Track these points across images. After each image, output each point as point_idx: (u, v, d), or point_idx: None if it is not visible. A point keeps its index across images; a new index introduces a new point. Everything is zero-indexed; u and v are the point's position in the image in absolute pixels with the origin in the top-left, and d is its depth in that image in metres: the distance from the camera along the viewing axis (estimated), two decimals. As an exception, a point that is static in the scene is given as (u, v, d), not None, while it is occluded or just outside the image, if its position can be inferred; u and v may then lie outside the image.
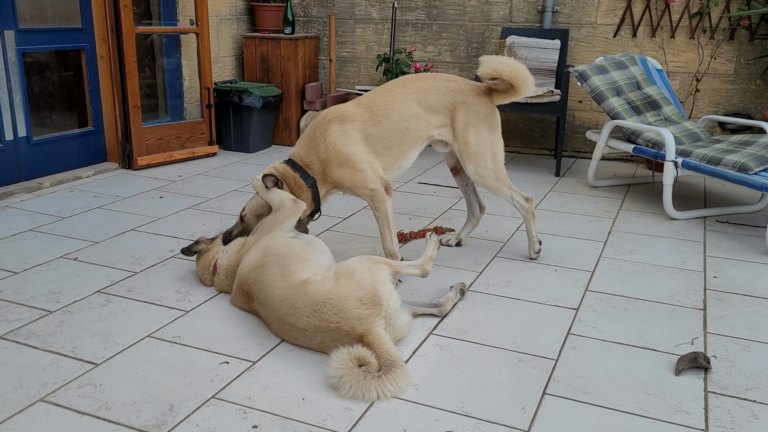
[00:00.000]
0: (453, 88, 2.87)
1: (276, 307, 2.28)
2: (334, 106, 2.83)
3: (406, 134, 2.81)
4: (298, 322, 2.20)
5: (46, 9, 4.20)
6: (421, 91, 2.84)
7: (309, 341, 2.22)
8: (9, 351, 2.19)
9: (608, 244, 3.31)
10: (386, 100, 2.81)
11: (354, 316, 2.14)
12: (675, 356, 2.25)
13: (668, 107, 4.25)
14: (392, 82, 2.91)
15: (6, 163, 3.97)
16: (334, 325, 2.15)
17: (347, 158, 2.73)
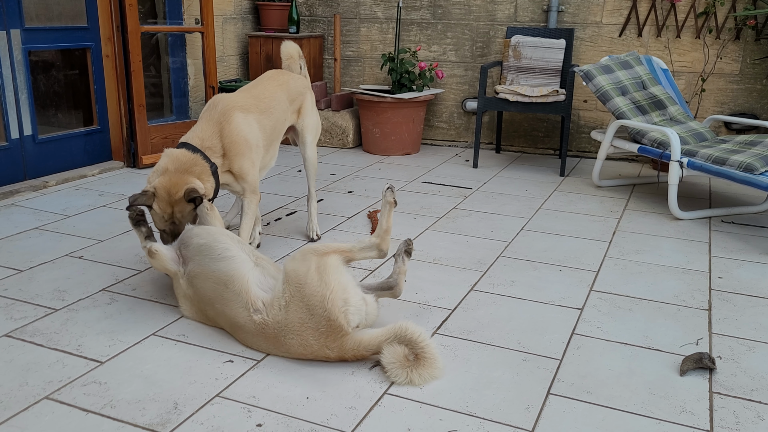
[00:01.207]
0: (300, 77, 3.26)
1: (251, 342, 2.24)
2: (224, 95, 2.87)
3: (283, 127, 3.06)
4: (277, 351, 2.18)
5: (52, 8, 4.21)
6: (285, 83, 3.11)
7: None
8: (14, 349, 2.20)
9: (613, 244, 3.30)
10: (270, 92, 2.99)
11: (320, 346, 2.09)
12: (680, 357, 2.24)
13: (673, 107, 4.24)
14: (262, 77, 3.11)
15: (12, 162, 3.98)
16: (311, 354, 2.12)
17: (249, 148, 2.79)
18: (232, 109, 2.79)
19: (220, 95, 2.86)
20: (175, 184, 2.51)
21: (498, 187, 4.31)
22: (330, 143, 5.41)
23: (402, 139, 5.16)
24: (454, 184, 4.36)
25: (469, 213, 3.75)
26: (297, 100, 3.19)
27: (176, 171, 2.54)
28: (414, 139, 5.23)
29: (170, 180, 2.52)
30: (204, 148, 2.66)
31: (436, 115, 5.55)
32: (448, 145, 5.57)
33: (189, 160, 2.58)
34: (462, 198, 4.05)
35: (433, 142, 5.61)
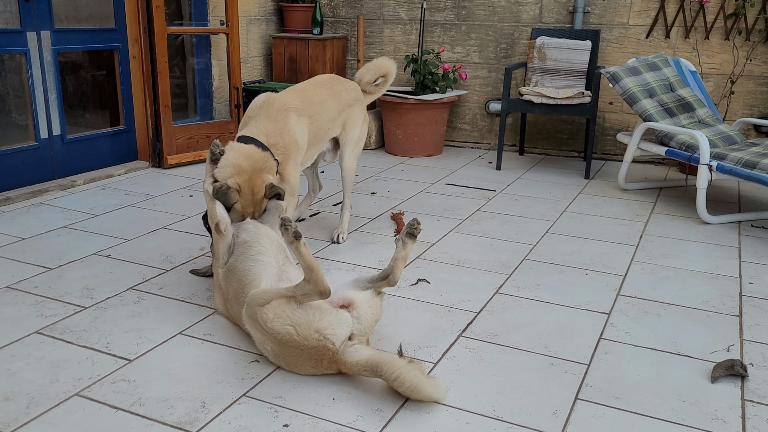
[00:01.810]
0: (354, 87, 3.27)
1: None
2: (276, 94, 2.86)
3: (325, 135, 3.07)
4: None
5: (81, 9, 4.27)
6: (338, 92, 3.13)
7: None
8: (45, 345, 2.23)
9: (640, 248, 3.26)
10: (320, 99, 2.99)
11: (321, 371, 2.05)
12: (710, 363, 2.21)
13: (702, 109, 4.18)
14: (314, 81, 3.14)
15: (41, 161, 4.04)
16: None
17: (297, 152, 2.78)
18: (288, 109, 2.79)
19: (272, 94, 2.85)
20: (256, 183, 2.50)
21: (522, 189, 4.29)
22: (353, 144, 5.41)
23: (425, 140, 5.15)
24: (477, 186, 4.34)
25: (493, 215, 3.73)
26: (345, 111, 3.18)
27: (253, 169, 2.51)
28: (437, 141, 5.22)
29: (251, 179, 2.50)
30: (269, 146, 2.65)
31: (459, 116, 5.53)
32: (471, 146, 5.55)
33: (261, 157, 2.55)
34: (485, 200, 4.03)
35: (456, 143, 5.59)
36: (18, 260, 2.94)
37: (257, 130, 2.69)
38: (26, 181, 3.95)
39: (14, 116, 4.01)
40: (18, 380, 2.02)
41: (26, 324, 2.37)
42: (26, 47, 3.87)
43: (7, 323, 2.37)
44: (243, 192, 2.48)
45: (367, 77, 3.34)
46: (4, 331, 2.32)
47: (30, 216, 3.54)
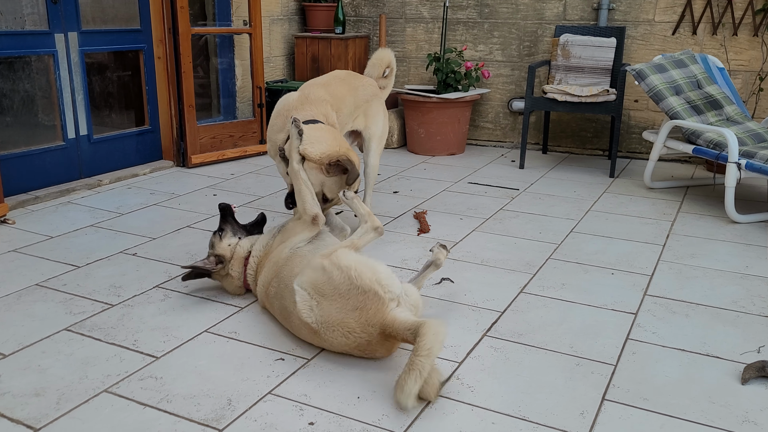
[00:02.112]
0: (371, 83, 3.31)
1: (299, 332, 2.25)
2: (307, 88, 3.00)
3: (342, 130, 3.10)
4: (323, 344, 2.18)
5: (107, 11, 4.32)
6: (355, 88, 3.18)
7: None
8: (74, 342, 2.26)
9: (667, 248, 3.22)
10: (341, 94, 3.06)
11: (362, 327, 2.04)
12: (740, 364, 2.17)
13: (730, 107, 4.11)
14: (334, 76, 3.18)
15: (68, 161, 4.10)
16: (354, 342, 2.09)
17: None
18: (325, 102, 2.91)
19: (306, 90, 2.99)
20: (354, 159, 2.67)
21: (545, 188, 4.25)
22: (375, 143, 5.42)
23: (447, 139, 5.14)
24: (500, 184, 4.32)
25: (517, 214, 3.71)
26: (362, 107, 3.23)
27: (343, 146, 2.67)
28: (459, 140, 5.20)
29: (347, 154, 2.63)
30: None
31: (482, 115, 5.50)
32: (494, 145, 5.52)
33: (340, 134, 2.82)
34: (509, 199, 4.00)
35: (479, 142, 5.57)
36: (47, 258, 2.99)
37: (317, 112, 2.79)
38: (54, 180, 4.01)
39: (42, 117, 4.07)
40: (48, 376, 2.05)
41: (55, 321, 2.41)
42: (54, 48, 3.93)
43: (37, 320, 2.41)
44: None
45: (376, 72, 3.39)
46: (35, 328, 2.36)
47: (58, 215, 3.59)
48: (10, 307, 2.52)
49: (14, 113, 3.93)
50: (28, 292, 2.64)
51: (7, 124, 3.89)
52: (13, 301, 2.57)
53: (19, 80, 3.89)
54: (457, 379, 2.08)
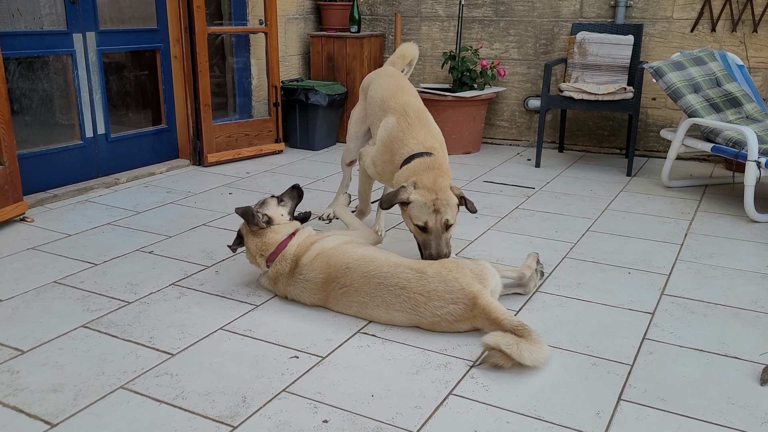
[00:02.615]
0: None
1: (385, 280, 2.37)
2: (410, 102, 2.85)
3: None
4: (419, 264, 2.38)
5: (124, 11, 4.36)
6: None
7: (421, 287, 2.31)
8: (91, 339, 2.28)
9: (685, 247, 3.18)
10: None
11: (468, 280, 2.30)
12: (759, 365, 2.14)
13: (750, 105, 4.06)
14: (399, 76, 3.10)
15: (86, 160, 4.14)
16: (450, 286, 2.29)
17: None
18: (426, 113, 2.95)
19: (411, 104, 2.88)
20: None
21: (562, 186, 4.22)
22: (390, 142, 5.41)
23: (462, 137, 5.12)
24: (516, 183, 4.30)
25: (532, 213, 3.69)
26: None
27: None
28: (475, 138, 5.18)
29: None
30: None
31: (498, 113, 5.48)
32: (510, 144, 5.49)
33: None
34: (524, 198, 3.98)
35: (494, 141, 5.54)
36: (65, 256, 3.02)
37: (422, 140, 2.71)
38: (72, 179, 4.06)
39: (60, 116, 4.12)
40: (66, 373, 2.07)
41: (73, 318, 2.43)
42: (72, 48, 3.97)
43: (55, 317, 2.44)
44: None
45: (399, 66, 3.34)
46: (53, 324, 2.38)
47: (76, 213, 3.63)
48: (29, 304, 2.55)
49: (33, 113, 3.97)
50: (47, 290, 2.67)
51: (26, 124, 3.94)
52: (32, 298, 2.60)
53: (38, 80, 3.94)
54: (471, 378, 2.07)
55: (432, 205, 2.54)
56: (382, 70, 3.20)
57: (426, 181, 2.57)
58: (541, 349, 2.07)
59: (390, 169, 2.78)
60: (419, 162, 2.62)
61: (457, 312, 2.29)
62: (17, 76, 3.83)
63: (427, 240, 2.57)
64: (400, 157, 2.69)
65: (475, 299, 2.27)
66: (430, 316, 2.31)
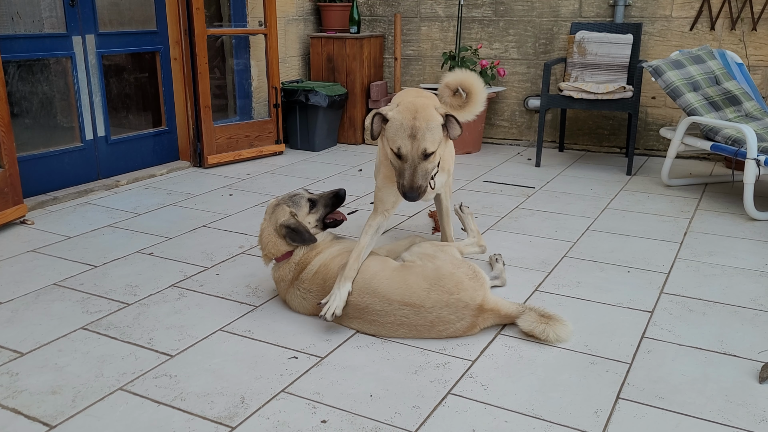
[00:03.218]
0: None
1: (389, 293, 2.30)
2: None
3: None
4: (413, 298, 2.28)
5: (124, 13, 4.36)
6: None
7: (422, 319, 2.26)
8: (90, 341, 2.29)
9: (684, 245, 3.18)
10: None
11: (471, 293, 2.29)
12: (758, 363, 2.14)
13: (749, 103, 4.05)
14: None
15: (86, 162, 4.15)
16: (454, 307, 2.27)
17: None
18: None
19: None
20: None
21: (562, 186, 4.22)
22: (390, 142, 5.41)
23: (463, 137, 5.11)
24: (516, 183, 4.30)
25: (532, 212, 3.69)
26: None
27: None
28: (475, 138, 5.18)
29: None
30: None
31: (498, 113, 5.48)
32: (510, 143, 5.49)
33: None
34: (525, 197, 3.98)
35: (495, 140, 5.54)
36: (65, 258, 3.02)
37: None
38: (72, 181, 4.07)
39: (60, 118, 4.13)
40: (65, 374, 2.08)
41: (72, 320, 2.44)
42: (72, 51, 3.98)
43: (54, 319, 2.44)
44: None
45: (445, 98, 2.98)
46: (52, 326, 2.39)
47: (76, 215, 3.64)
48: (29, 306, 2.55)
49: (33, 115, 3.98)
50: (46, 292, 2.68)
51: (26, 126, 3.95)
52: (32, 300, 2.60)
53: (38, 83, 3.95)
54: (470, 377, 2.07)
55: (409, 129, 2.27)
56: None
57: (407, 100, 2.34)
58: (565, 328, 2.27)
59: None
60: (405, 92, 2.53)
61: (464, 326, 2.29)
62: (17, 79, 3.84)
63: (402, 169, 2.31)
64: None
65: (481, 306, 2.29)
66: (436, 335, 2.29)
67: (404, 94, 2.52)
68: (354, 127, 5.49)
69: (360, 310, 2.32)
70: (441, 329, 2.27)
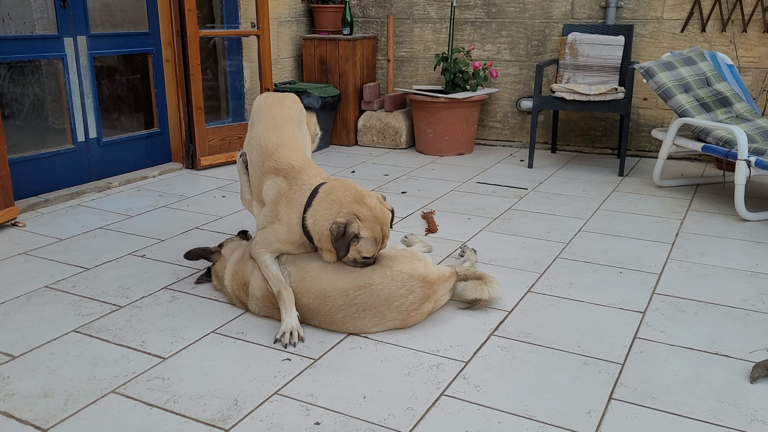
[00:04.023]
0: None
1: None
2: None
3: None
4: (363, 279, 2.34)
5: (116, 14, 4.35)
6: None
7: (378, 298, 2.32)
8: (82, 344, 2.28)
9: (676, 246, 3.19)
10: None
11: (409, 264, 2.41)
12: (749, 363, 2.15)
13: (740, 104, 4.08)
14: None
15: (78, 164, 4.13)
16: (399, 280, 2.34)
17: None
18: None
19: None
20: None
21: (554, 187, 4.24)
22: (383, 144, 5.42)
23: (455, 139, 5.13)
24: (509, 184, 4.31)
25: (525, 213, 3.70)
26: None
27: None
28: (467, 139, 5.19)
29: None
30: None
31: (490, 114, 5.49)
32: (503, 145, 5.50)
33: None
34: (517, 198, 3.99)
35: (487, 142, 5.55)
36: (56, 260, 3.01)
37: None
38: (64, 183, 4.05)
39: (52, 120, 4.11)
40: (56, 377, 2.07)
41: (64, 323, 2.42)
42: (63, 52, 3.96)
43: (46, 322, 2.43)
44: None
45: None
46: (44, 329, 2.38)
47: (68, 217, 3.62)
48: (20, 309, 2.54)
49: (24, 117, 3.96)
50: (38, 294, 2.66)
51: (17, 128, 3.93)
52: (23, 303, 2.59)
53: (29, 84, 3.93)
54: (463, 378, 2.07)
55: (381, 237, 2.35)
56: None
57: (365, 212, 2.32)
58: (495, 287, 2.51)
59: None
60: (328, 188, 2.37)
61: (418, 298, 2.35)
62: (8, 80, 3.82)
63: (367, 263, 2.39)
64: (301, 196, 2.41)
65: (426, 277, 2.37)
66: (399, 315, 2.33)
67: (341, 193, 2.37)
68: (347, 129, 5.49)
69: (323, 313, 2.35)
70: (399, 305, 2.33)
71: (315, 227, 2.33)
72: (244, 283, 2.51)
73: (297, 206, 2.39)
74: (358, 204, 2.33)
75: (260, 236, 2.47)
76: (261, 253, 2.44)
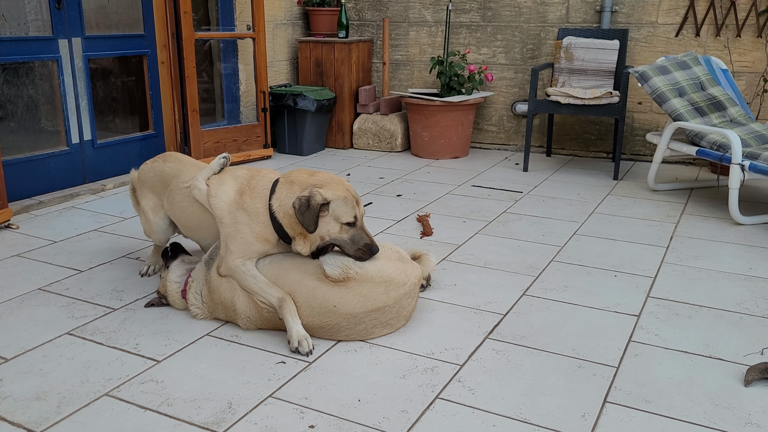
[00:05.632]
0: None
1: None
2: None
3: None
4: (376, 303, 2.31)
5: (111, 16, 4.34)
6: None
7: (390, 314, 2.35)
8: (76, 346, 2.27)
9: (670, 250, 3.20)
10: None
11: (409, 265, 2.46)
12: (744, 366, 2.16)
13: (734, 108, 4.10)
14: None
15: (72, 166, 4.12)
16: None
17: None
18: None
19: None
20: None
21: (549, 190, 4.24)
22: (378, 147, 5.42)
23: (451, 142, 5.13)
24: (504, 187, 4.31)
25: (520, 217, 3.70)
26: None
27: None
28: (463, 143, 5.20)
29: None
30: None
31: (486, 118, 5.50)
32: (498, 148, 5.51)
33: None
34: (512, 202, 3.99)
35: (482, 145, 5.56)
36: (50, 263, 3.00)
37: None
38: (58, 185, 4.03)
39: (46, 122, 4.09)
40: (50, 380, 2.06)
41: (57, 325, 2.41)
42: (58, 54, 3.95)
43: (39, 324, 2.42)
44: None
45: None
46: (37, 332, 2.36)
47: (62, 219, 3.61)
48: (13, 311, 2.53)
49: (18, 119, 3.95)
50: (31, 297, 2.65)
51: (11, 130, 3.91)
52: (16, 305, 2.58)
53: (23, 86, 3.92)
54: (458, 381, 2.07)
55: (353, 198, 2.29)
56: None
57: (322, 179, 2.32)
58: (433, 258, 2.68)
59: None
60: (286, 174, 2.41)
61: (416, 297, 2.43)
62: (2, 82, 3.81)
63: (356, 235, 2.29)
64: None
65: (419, 276, 2.44)
66: (404, 319, 2.41)
67: (297, 174, 2.42)
68: (342, 132, 5.49)
69: (328, 329, 2.31)
70: (406, 314, 2.41)
71: (281, 210, 2.30)
72: (226, 307, 2.39)
73: (262, 196, 2.38)
74: (314, 177, 2.35)
75: (231, 244, 2.33)
76: (239, 264, 2.32)
